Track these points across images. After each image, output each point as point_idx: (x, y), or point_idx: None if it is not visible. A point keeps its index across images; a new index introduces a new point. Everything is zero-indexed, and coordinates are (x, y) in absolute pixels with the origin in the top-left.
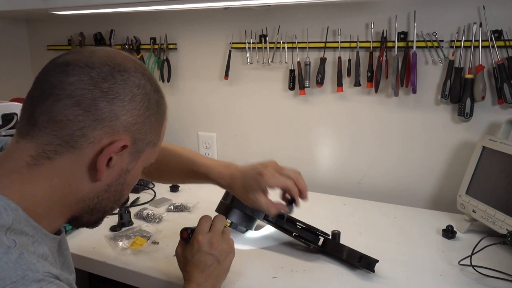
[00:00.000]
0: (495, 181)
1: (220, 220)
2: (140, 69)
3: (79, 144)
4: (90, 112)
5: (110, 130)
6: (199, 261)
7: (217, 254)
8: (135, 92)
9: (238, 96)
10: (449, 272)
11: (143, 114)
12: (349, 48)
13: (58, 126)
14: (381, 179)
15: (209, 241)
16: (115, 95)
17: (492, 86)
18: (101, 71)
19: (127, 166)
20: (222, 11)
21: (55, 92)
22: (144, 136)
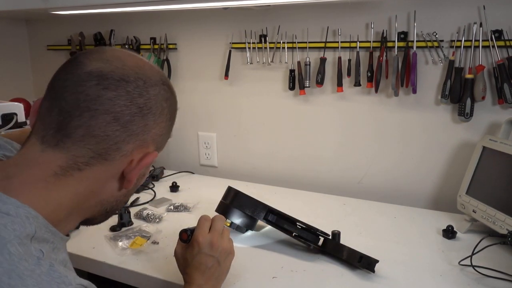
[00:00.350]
0: (495, 181)
1: (219, 220)
2: (165, 81)
3: (112, 157)
4: (127, 127)
5: (141, 143)
6: (199, 263)
7: (217, 255)
8: (164, 105)
9: (238, 96)
10: (449, 272)
11: (168, 125)
12: (349, 48)
13: (95, 141)
14: (381, 179)
15: (209, 242)
16: (148, 110)
17: (492, 86)
18: (136, 86)
19: (145, 171)
20: (222, 11)
21: (93, 107)
22: (163, 144)
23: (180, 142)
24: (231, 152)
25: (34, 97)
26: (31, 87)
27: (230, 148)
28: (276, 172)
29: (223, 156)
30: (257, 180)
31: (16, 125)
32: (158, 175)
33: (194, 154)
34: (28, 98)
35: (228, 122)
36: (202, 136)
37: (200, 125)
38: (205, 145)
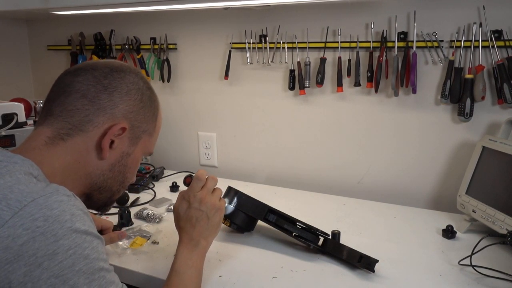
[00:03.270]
0: (495, 181)
1: (211, 181)
2: (134, 71)
3: (86, 128)
4: (94, 102)
5: (111, 117)
6: (190, 216)
7: (206, 210)
8: (130, 87)
9: (238, 96)
10: (449, 272)
11: (137, 105)
12: (349, 48)
13: (69, 114)
14: (381, 179)
15: (199, 198)
16: (113, 88)
17: (492, 86)
18: (102, 71)
19: (127, 149)
20: (222, 11)
21: (67, 89)
22: (140, 124)
23: (180, 142)
24: (231, 152)
25: (34, 97)
26: (31, 87)
27: (230, 148)
28: (276, 172)
29: (223, 156)
30: (257, 180)
31: (16, 125)
32: (158, 175)
33: (194, 154)
34: (28, 98)
35: (228, 122)
36: (202, 136)
37: (200, 125)
38: (205, 145)
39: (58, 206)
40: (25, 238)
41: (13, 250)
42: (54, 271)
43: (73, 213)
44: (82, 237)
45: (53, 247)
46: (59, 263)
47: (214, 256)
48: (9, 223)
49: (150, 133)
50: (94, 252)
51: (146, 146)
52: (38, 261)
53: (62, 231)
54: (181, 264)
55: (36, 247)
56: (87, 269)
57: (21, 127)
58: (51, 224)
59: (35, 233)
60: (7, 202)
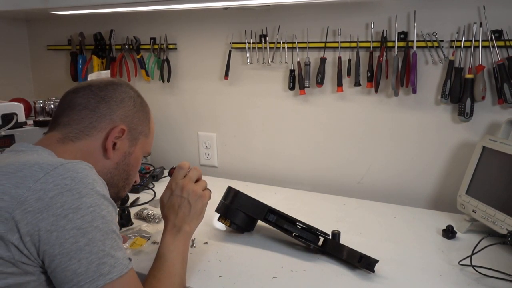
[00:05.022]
0: (495, 181)
1: (194, 171)
2: (125, 83)
3: (91, 133)
4: (95, 111)
5: (110, 122)
6: (172, 204)
7: (187, 196)
8: (123, 95)
9: (238, 96)
10: (449, 272)
11: (131, 109)
12: (349, 48)
13: (75, 122)
14: (381, 179)
15: (181, 185)
16: (109, 98)
17: (492, 86)
18: (98, 86)
19: (128, 149)
20: (222, 11)
21: (71, 104)
22: (136, 126)
23: (180, 142)
24: (231, 152)
25: (34, 97)
26: (31, 87)
27: (230, 148)
28: (276, 172)
29: (223, 156)
30: (257, 180)
31: (16, 125)
32: (158, 175)
33: (194, 154)
34: (28, 98)
35: (228, 122)
36: (202, 136)
37: (200, 125)
38: (205, 145)
39: (83, 171)
40: (55, 192)
41: (44, 202)
42: (76, 223)
43: (94, 179)
44: (101, 200)
45: (77, 202)
46: (82, 216)
47: (214, 256)
48: (42, 179)
49: (146, 134)
50: (109, 215)
51: (144, 146)
52: (64, 212)
53: (86, 191)
54: (164, 249)
55: (63, 200)
56: (103, 227)
57: (20, 127)
58: (77, 184)
59: (63, 189)
60: (39, 165)
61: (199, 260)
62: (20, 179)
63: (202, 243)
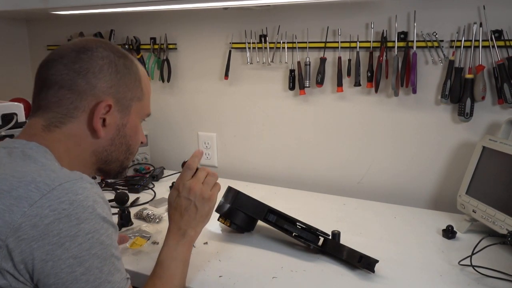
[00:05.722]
0: (495, 181)
1: (202, 171)
2: (101, 45)
3: (75, 114)
4: (73, 89)
5: (93, 98)
6: (178, 205)
7: (194, 199)
8: (101, 63)
9: (238, 96)
10: (449, 272)
11: (114, 77)
12: (349, 48)
13: (56, 105)
14: (381, 179)
15: (188, 187)
16: (86, 70)
17: (492, 86)
18: (69, 58)
19: (121, 121)
20: (222, 11)
21: (45, 83)
22: (125, 94)
23: (180, 142)
24: (231, 152)
25: None
26: (31, 87)
27: (230, 148)
28: (276, 172)
29: (223, 156)
30: (257, 180)
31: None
32: (158, 175)
33: None
34: (28, 98)
35: (228, 122)
36: (202, 136)
37: (200, 125)
38: (205, 145)
39: (82, 192)
40: (52, 218)
41: (39, 229)
42: (73, 251)
43: (95, 200)
44: (101, 224)
45: (75, 229)
46: (79, 244)
47: (214, 256)
48: (38, 203)
49: (139, 97)
50: (108, 239)
51: (141, 111)
52: (61, 241)
53: (85, 215)
54: (166, 256)
55: (60, 227)
56: (102, 253)
57: (20, 127)
58: (75, 208)
59: (61, 214)
60: (36, 184)
61: (199, 260)
62: (15, 201)
63: (202, 243)
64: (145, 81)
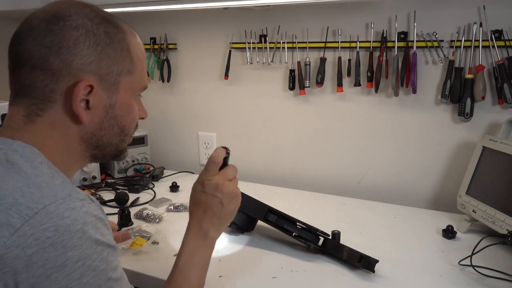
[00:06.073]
0: (495, 181)
1: (231, 168)
2: (75, 11)
3: (54, 99)
4: (46, 69)
5: (70, 78)
6: (202, 201)
7: (221, 196)
8: (76, 35)
9: (238, 96)
10: (449, 272)
11: (94, 51)
12: (349, 48)
13: (30, 90)
14: (381, 179)
15: (215, 183)
16: (58, 45)
17: (492, 86)
18: (39, 30)
19: (108, 101)
20: (222, 11)
21: (16, 63)
22: (109, 69)
23: (180, 142)
24: (231, 152)
25: None
26: None
27: (230, 148)
28: (276, 172)
29: None
30: (257, 180)
31: None
32: (158, 175)
33: (194, 154)
34: None
35: (228, 122)
36: (202, 136)
37: (200, 125)
38: (205, 145)
39: (69, 215)
40: (35, 248)
41: (22, 260)
42: (62, 283)
43: (85, 222)
44: (92, 248)
45: (62, 259)
46: (67, 275)
47: (214, 256)
48: (20, 231)
49: (129, 70)
50: (103, 263)
51: (133, 85)
52: (47, 272)
53: (73, 242)
54: (187, 261)
55: (45, 258)
56: (95, 281)
57: None
58: (61, 235)
59: (45, 243)
60: (17, 208)
61: None
62: None
63: None
64: (136, 48)
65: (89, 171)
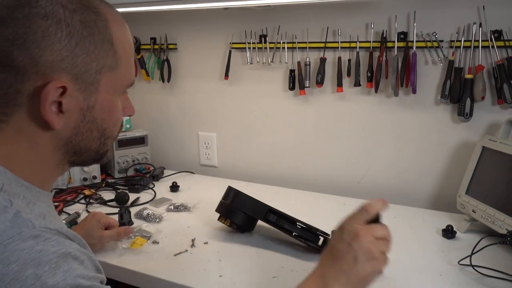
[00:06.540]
0: (495, 181)
1: (382, 226)
2: None
3: (19, 101)
4: (8, 66)
5: (38, 77)
6: (335, 248)
7: (358, 250)
8: (44, 25)
9: (238, 96)
10: (449, 272)
11: (67, 44)
12: (349, 48)
13: None
14: (381, 179)
15: (355, 231)
16: (22, 38)
17: (492, 86)
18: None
19: (86, 103)
20: (222, 11)
21: None
22: (87, 66)
23: (180, 142)
24: (231, 152)
25: None
26: None
27: (230, 148)
28: (276, 172)
29: (223, 156)
30: (257, 180)
31: None
32: (158, 175)
33: (194, 154)
34: None
35: (228, 122)
36: (202, 136)
37: (200, 125)
38: (205, 145)
39: (17, 258)
40: None
41: None
42: None
43: (39, 263)
44: None
45: None
46: None
47: (214, 256)
48: None
49: (112, 65)
50: None
51: (117, 82)
52: None
53: None
54: None
55: None
56: None
57: None
58: (8, 285)
59: None
60: None
61: (199, 260)
62: None
63: (202, 243)
64: (121, 38)
65: (89, 171)
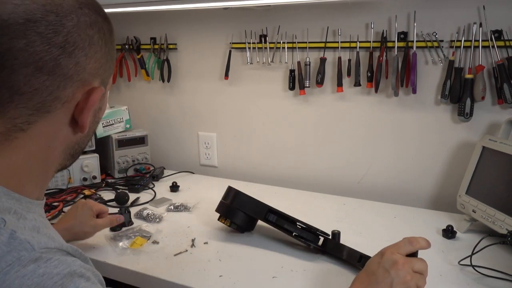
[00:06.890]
0: (495, 181)
1: (421, 260)
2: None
3: (53, 108)
4: (55, 74)
5: (80, 84)
6: (372, 272)
7: (394, 277)
8: (90, 33)
9: (238, 96)
10: (449, 272)
11: (104, 52)
12: (349, 48)
13: (26, 98)
14: (381, 179)
15: (395, 259)
16: (73, 45)
17: (492, 86)
18: (47, 24)
19: (99, 104)
20: (222, 11)
21: (7, 63)
22: (109, 71)
23: (180, 142)
24: (231, 152)
25: None
26: None
27: (230, 148)
28: (276, 172)
29: (223, 156)
30: (257, 180)
31: None
32: (158, 175)
33: (194, 154)
34: None
35: (228, 122)
36: (202, 136)
37: (200, 125)
38: (205, 145)
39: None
40: None
41: None
42: None
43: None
44: None
45: None
46: None
47: (214, 256)
48: None
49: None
50: None
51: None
52: None
53: None
54: None
55: None
56: None
57: None
58: None
59: None
60: None
61: (199, 260)
62: None
63: (202, 243)
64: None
65: (89, 171)
